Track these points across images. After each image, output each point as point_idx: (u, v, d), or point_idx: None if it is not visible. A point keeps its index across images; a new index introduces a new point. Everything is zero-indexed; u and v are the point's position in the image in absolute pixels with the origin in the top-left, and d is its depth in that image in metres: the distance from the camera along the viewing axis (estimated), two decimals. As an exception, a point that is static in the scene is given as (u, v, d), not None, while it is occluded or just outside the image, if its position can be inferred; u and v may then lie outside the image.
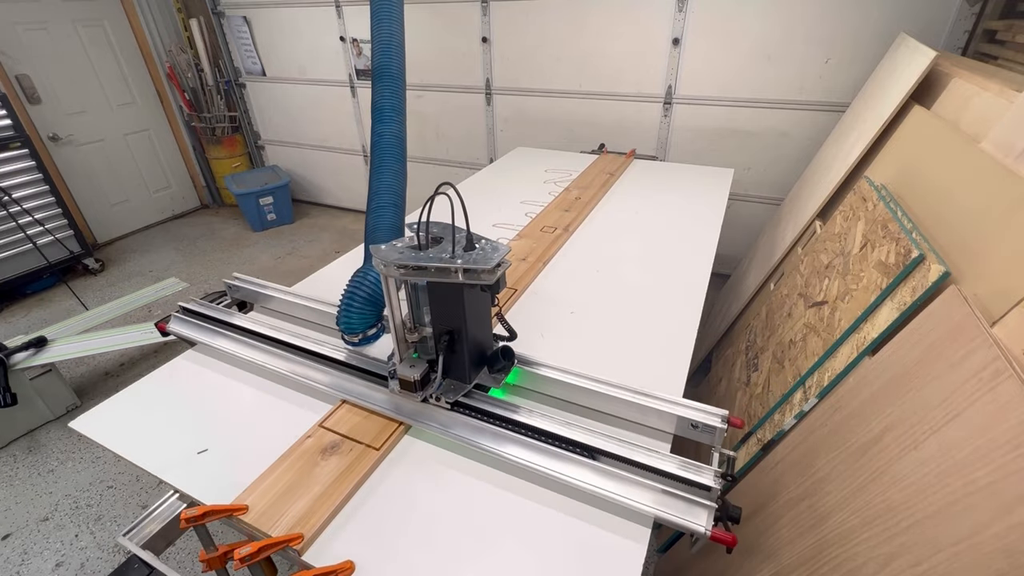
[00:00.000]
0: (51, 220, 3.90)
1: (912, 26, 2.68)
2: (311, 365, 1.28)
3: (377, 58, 1.32)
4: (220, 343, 1.38)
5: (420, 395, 1.13)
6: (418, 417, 1.15)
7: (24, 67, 4.01)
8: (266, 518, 0.94)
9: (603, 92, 3.65)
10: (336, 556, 0.90)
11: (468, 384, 1.14)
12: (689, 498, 0.94)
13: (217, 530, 1.99)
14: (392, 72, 1.33)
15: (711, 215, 2.19)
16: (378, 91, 1.32)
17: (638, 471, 0.99)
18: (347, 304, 1.28)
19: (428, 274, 0.98)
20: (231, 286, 1.60)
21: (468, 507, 1.00)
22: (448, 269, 0.96)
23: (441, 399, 1.12)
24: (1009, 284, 1.09)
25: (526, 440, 1.05)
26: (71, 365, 3.13)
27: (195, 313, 1.48)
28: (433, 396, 1.12)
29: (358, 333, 1.31)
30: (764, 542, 1.32)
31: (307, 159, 5.30)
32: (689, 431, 1.10)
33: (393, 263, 0.99)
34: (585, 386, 1.17)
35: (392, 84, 1.33)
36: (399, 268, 0.99)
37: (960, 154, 1.53)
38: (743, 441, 1.70)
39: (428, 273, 0.98)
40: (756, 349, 2.05)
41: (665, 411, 1.11)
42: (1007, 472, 0.80)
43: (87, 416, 1.21)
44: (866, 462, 1.10)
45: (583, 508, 1.00)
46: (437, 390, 1.12)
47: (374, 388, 1.20)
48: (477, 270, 0.95)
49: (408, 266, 0.98)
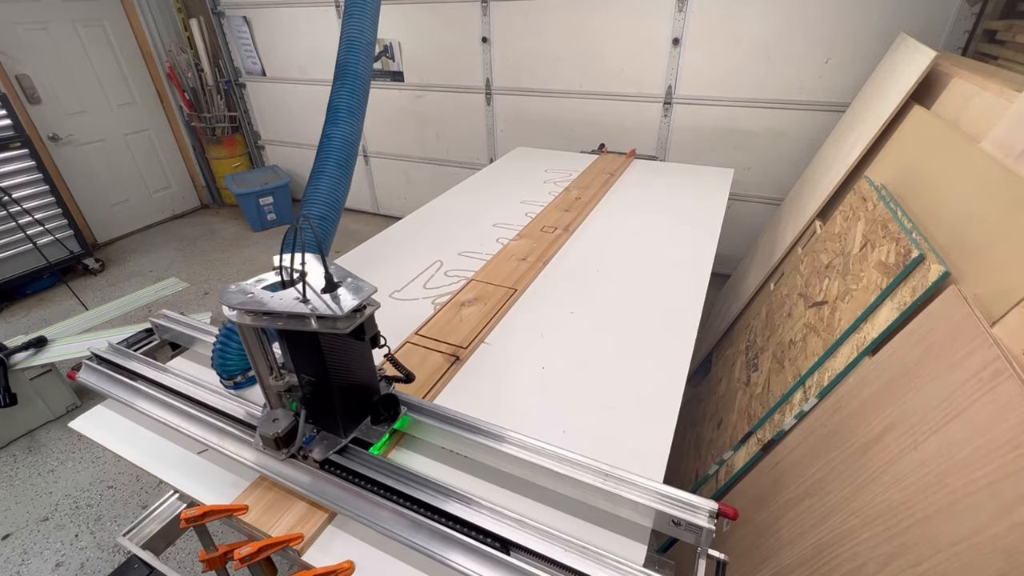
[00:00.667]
0: (51, 220, 3.90)
1: (912, 26, 2.68)
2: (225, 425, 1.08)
3: (341, 54, 1.26)
4: (131, 399, 1.16)
5: (284, 452, 0.98)
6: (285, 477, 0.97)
7: (24, 67, 4.01)
8: (266, 518, 0.94)
9: (603, 92, 3.65)
10: (336, 556, 0.90)
11: (343, 438, 0.99)
12: None
13: (217, 530, 1.99)
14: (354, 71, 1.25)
15: (711, 215, 2.19)
16: (336, 89, 1.26)
17: None
18: (223, 345, 1.14)
19: (283, 320, 0.84)
20: (158, 325, 1.40)
21: None
22: (302, 316, 0.82)
23: (308, 457, 0.98)
24: (1009, 284, 1.09)
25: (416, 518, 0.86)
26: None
27: (107, 362, 1.28)
28: (299, 454, 0.99)
29: (236, 376, 1.18)
30: (764, 542, 1.32)
31: (307, 159, 5.30)
32: (672, 529, 0.86)
33: (243, 308, 0.83)
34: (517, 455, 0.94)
35: (352, 83, 1.24)
36: (248, 314, 0.84)
37: (960, 154, 1.53)
38: (743, 441, 1.70)
39: (282, 319, 0.84)
40: (756, 349, 2.05)
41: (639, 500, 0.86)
42: (1007, 472, 0.80)
43: (87, 416, 1.21)
44: (866, 462, 1.10)
45: None
46: (304, 446, 0.98)
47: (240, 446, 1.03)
48: (332, 317, 0.81)
49: (257, 312, 0.83)
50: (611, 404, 1.21)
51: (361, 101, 1.25)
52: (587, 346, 1.42)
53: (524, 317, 1.55)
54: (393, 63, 4.26)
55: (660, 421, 1.16)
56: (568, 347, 1.42)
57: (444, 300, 1.62)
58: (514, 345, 1.43)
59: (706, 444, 2.01)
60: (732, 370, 2.23)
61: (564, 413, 1.19)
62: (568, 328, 1.50)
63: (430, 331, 1.46)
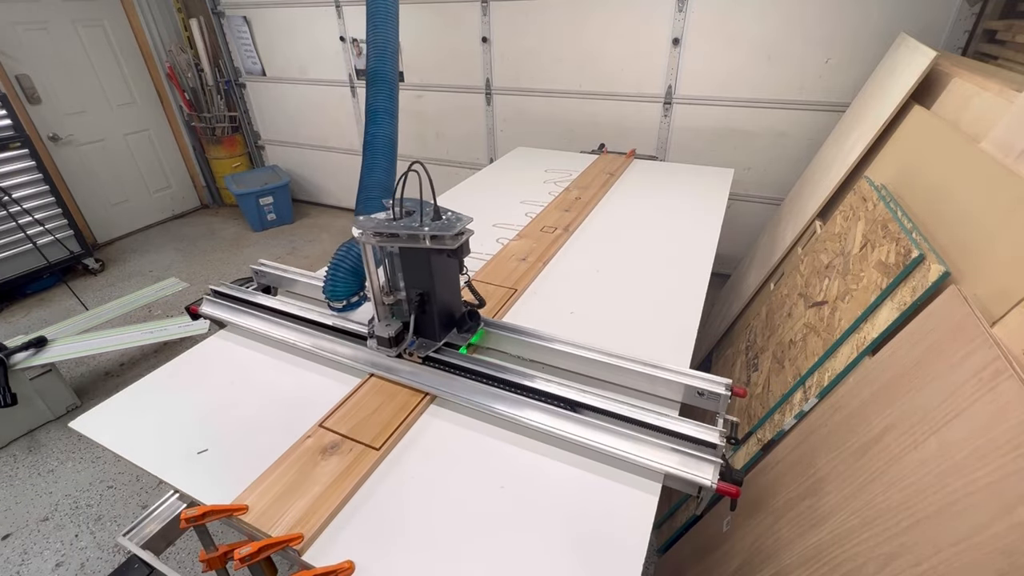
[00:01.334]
0: (51, 220, 3.89)
1: (912, 26, 2.68)
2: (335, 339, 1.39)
3: (373, 62, 1.39)
4: (250, 323, 1.47)
5: (394, 351, 1.26)
6: (393, 372, 1.26)
7: (24, 67, 4.00)
8: (266, 518, 0.94)
9: (603, 92, 3.64)
10: (336, 556, 0.90)
11: (438, 342, 1.27)
12: (694, 452, 0.99)
13: (217, 530, 1.99)
14: (387, 77, 1.39)
15: (711, 215, 2.19)
16: (373, 94, 1.40)
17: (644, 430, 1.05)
18: (332, 274, 1.43)
19: (400, 241, 1.12)
20: (257, 271, 1.72)
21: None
22: (417, 236, 1.09)
23: (414, 354, 1.26)
24: (1009, 284, 1.09)
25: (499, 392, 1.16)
26: (71, 365, 3.13)
27: (225, 295, 1.57)
28: (406, 352, 1.26)
29: (342, 300, 1.45)
30: (764, 542, 1.32)
31: (307, 159, 5.30)
32: (696, 399, 1.15)
33: (370, 231, 1.12)
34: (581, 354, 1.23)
35: (388, 89, 1.40)
36: (375, 235, 1.13)
37: (960, 154, 1.53)
38: (743, 441, 1.70)
39: (400, 240, 1.12)
40: (756, 349, 2.05)
41: (671, 380, 1.16)
42: (1007, 472, 0.80)
43: (87, 416, 1.21)
44: (866, 462, 1.10)
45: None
46: (410, 347, 1.25)
47: (358, 350, 1.33)
48: (442, 236, 1.08)
49: (383, 233, 1.11)
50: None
51: (396, 104, 1.43)
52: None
53: (524, 317, 1.55)
54: (393, 63, 4.26)
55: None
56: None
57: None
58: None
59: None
60: (732, 370, 2.23)
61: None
62: (568, 328, 1.49)
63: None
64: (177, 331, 2.87)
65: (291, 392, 1.27)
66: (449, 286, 1.26)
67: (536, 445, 1.10)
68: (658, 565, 1.88)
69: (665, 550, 1.88)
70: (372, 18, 1.39)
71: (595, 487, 1.01)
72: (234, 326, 1.51)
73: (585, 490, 1.01)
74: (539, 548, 0.91)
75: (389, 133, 1.42)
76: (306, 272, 1.67)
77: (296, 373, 1.34)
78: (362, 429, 1.13)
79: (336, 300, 1.46)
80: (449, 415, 1.19)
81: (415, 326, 1.24)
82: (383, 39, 1.38)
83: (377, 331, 1.27)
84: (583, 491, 1.00)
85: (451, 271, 1.25)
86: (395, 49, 1.40)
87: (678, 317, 1.52)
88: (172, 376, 1.35)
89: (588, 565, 0.89)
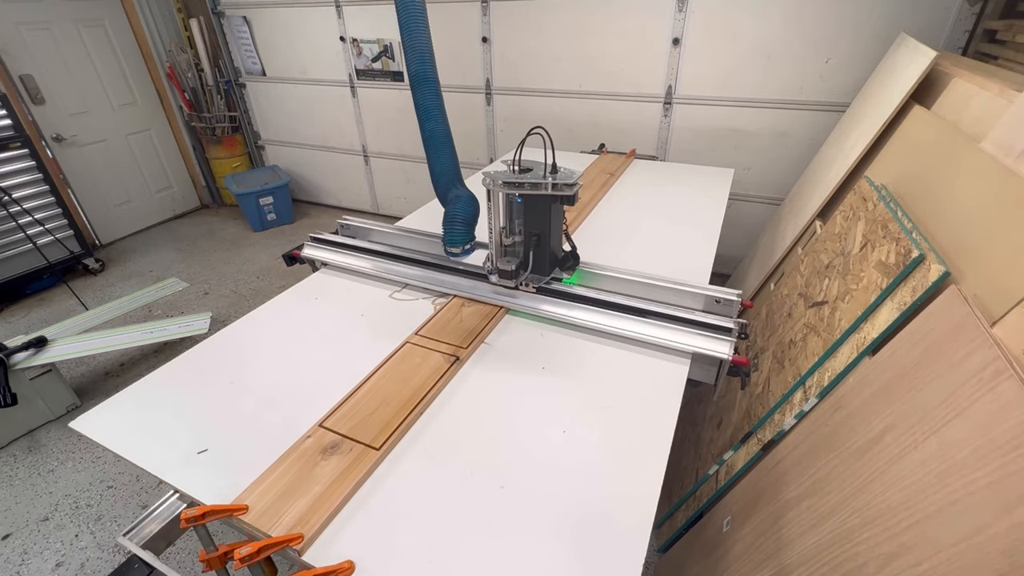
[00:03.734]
0: (51, 220, 3.89)
1: (912, 26, 2.68)
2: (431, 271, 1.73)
3: (414, 66, 1.53)
4: (348, 261, 1.81)
5: (514, 282, 1.55)
6: (512, 300, 1.56)
7: (27, 67, 4.00)
8: (266, 518, 0.94)
9: (603, 92, 3.64)
10: (336, 556, 0.90)
11: (547, 275, 1.57)
12: (715, 336, 1.34)
13: (217, 530, 1.99)
14: (430, 77, 1.55)
15: (711, 215, 2.19)
16: (422, 94, 1.57)
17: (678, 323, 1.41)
18: (450, 227, 1.64)
19: (524, 189, 1.39)
20: (343, 225, 2.02)
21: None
22: (540, 185, 1.38)
23: (529, 285, 1.56)
24: (1009, 284, 1.09)
25: (593, 309, 1.49)
26: (71, 365, 3.13)
27: (325, 241, 1.93)
28: (523, 283, 1.56)
29: (460, 247, 1.67)
30: (764, 542, 1.32)
31: (307, 159, 5.30)
32: (714, 307, 1.48)
33: (500, 181, 1.39)
34: (634, 279, 1.58)
35: (432, 87, 1.57)
36: (505, 184, 1.39)
37: (960, 154, 1.53)
38: (743, 441, 1.70)
39: (524, 188, 1.39)
40: (756, 349, 2.05)
41: (697, 292, 1.51)
42: (1007, 472, 0.80)
43: (87, 416, 1.20)
44: (866, 462, 1.10)
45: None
46: (527, 278, 1.55)
47: (476, 284, 1.65)
48: (562, 184, 1.37)
49: (512, 183, 1.39)
50: (609, 404, 1.22)
51: (442, 101, 1.60)
52: (587, 346, 1.42)
53: (524, 317, 1.55)
54: (393, 63, 4.26)
55: (658, 428, 1.16)
56: (568, 347, 1.42)
57: (444, 300, 1.62)
58: (514, 345, 1.43)
59: (706, 444, 2.01)
60: (732, 370, 2.23)
61: (563, 413, 1.19)
62: (568, 328, 1.50)
63: (430, 331, 1.46)
64: (177, 331, 2.87)
65: (291, 392, 1.28)
66: (557, 230, 1.54)
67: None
68: (658, 565, 1.88)
69: (665, 550, 1.88)
70: (404, 24, 1.49)
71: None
72: (332, 265, 1.84)
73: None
74: (539, 547, 0.91)
75: (444, 127, 1.62)
76: (384, 224, 2.00)
77: (296, 372, 1.34)
78: (362, 429, 1.13)
79: (455, 247, 1.67)
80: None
81: (531, 262, 1.52)
82: (419, 42, 1.51)
83: (500, 265, 1.54)
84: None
85: (559, 218, 1.52)
86: (431, 49, 1.54)
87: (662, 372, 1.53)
88: (172, 376, 1.35)
89: (588, 565, 0.89)
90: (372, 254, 1.83)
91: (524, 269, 1.54)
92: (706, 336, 1.35)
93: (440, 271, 1.72)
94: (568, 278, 1.62)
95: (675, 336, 1.37)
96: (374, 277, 1.77)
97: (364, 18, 4.18)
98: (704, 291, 1.49)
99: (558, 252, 1.59)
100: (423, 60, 1.52)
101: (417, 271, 1.73)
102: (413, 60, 1.51)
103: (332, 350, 1.43)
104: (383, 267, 1.76)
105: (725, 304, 1.46)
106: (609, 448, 1.10)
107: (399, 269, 1.75)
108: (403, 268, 1.75)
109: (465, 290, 1.63)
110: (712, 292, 1.48)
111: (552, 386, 1.28)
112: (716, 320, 1.39)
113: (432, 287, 1.67)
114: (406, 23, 1.48)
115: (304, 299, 1.67)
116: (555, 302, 1.52)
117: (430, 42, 1.52)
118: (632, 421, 1.17)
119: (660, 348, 1.37)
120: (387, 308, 1.62)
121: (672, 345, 1.35)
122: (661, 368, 1.33)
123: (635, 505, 0.97)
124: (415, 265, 1.76)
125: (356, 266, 1.79)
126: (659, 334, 1.38)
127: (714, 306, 1.47)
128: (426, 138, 1.62)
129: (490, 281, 1.60)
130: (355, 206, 5.35)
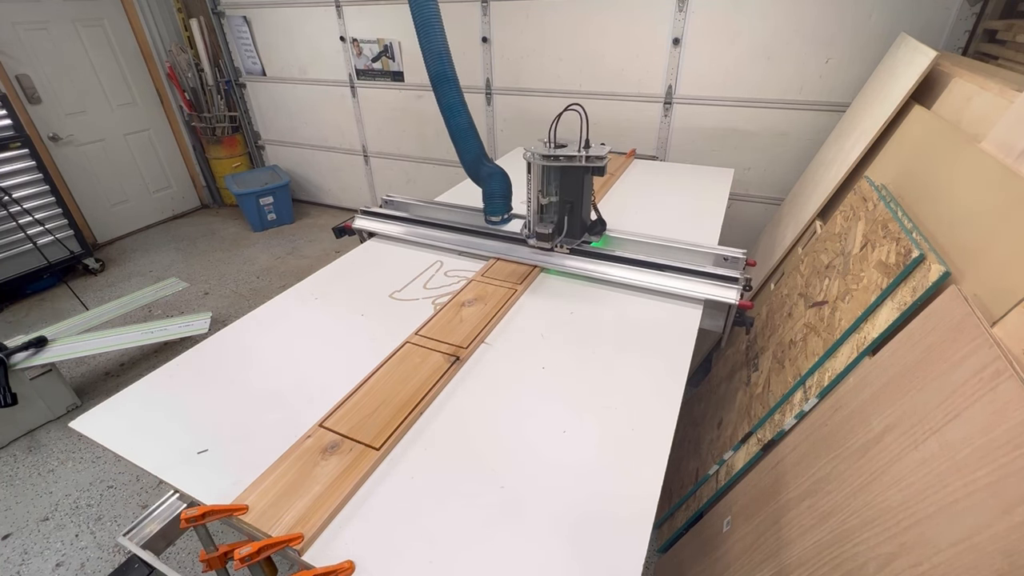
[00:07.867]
0: (51, 220, 3.89)
1: (912, 26, 2.68)
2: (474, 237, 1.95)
3: (434, 67, 1.64)
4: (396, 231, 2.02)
5: (550, 244, 1.77)
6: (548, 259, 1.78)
7: (25, 67, 4.00)
8: (266, 518, 0.94)
9: (603, 92, 3.64)
10: (336, 556, 0.90)
11: (579, 239, 1.79)
12: (724, 285, 1.58)
13: (217, 530, 1.99)
14: (448, 76, 1.65)
15: (711, 215, 2.19)
16: (445, 91, 1.70)
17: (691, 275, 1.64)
18: (490, 200, 1.90)
19: (559, 161, 1.59)
20: (387, 200, 2.21)
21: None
22: (575, 157, 1.58)
23: (563, 247, 1.78)
24: (1009, 284, 1.09)
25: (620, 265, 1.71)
26: (71, 365, 3.13)
27: (375, 213, 2.13)
28: (558, 245, 1.78)
29: (500, 215, 1.94)
30: (764, 542, 1.32)
31: (307, 159, 5.30)
32: (722, 264, 1.69)
33: (539, 154, 1.60)
34: (653, 242, 1.78)
35: (453, 85, 1.68)
36: (543, 157, 1.60)
37: (960, 154, 1.53)
38: (743, 441, 1.70)
39: (559, 161, 1.59)
40: (756, 349, 2.05)
41: (708, 252, 1.73)
42: (1007, 472, 0.80)
43: (87, 416, 1.20)
44: (866, 462, 1.10)
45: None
46: (561, 241, 1.78)
47: (514, 247, 1.86)
48: (595, 156, 1.58)
49: (550, 156, 1.59)
50: (610, 404, 1.22)
51: (463, 97, 1.74)
52: (587, 346, 1.42)
53: (527, 312, 1.56)
54: (393, 63, 4.26)
55: (657, 427, 1.16)
56: (568, 347, 1.42)
57: (444, 300, 1.62)
58: (514, 345, 1.43)
59: (706, 444, 2.01)
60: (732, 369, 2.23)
61: (564, 413, 1.19)
62: (568, 328, 1.50)
63: (430, 331, 1.46)
64: (177, 331, 2.87)
65: (291, 392, 1.28)
66: (587, 199, 1.75)
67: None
68: (658, 565, 1.88)
69: (665, 550, 1.88)
70: (420, 28, 1.56)
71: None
72: (380, 235, 2.04)
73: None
74: (539, 547, 0.92)
75: (467, 120, 1.77)
76: (425, 201, 2.19)
77: (296, 372, 1.34)
78: (362, 429, 1.13)
79: (496, 215, 1.94)
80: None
81: (566, 227, 1.75)
82: (436, 44, 1.59)
83: (537, 228, 1.74)
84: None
85: (589, 188, 1.73)
86: (447, 50, 1.63)
87: (678, 316, 1.53)
88: (172, 376, 1.35)
89: (587, 564, 0.89)
90: (419, 223, 2.03)
91: (559, 233, 1.75)
92: (716, 285, 1.58)
93: (482, 237, 1.93)
94: (596, 241, 1.81)
95: (690, 286, 1.59)
96: (421, 244, 1.95)
97: (364, 18, 4.18)
98: (713, 250, 1.73)
99: (587, 219, 1.79)
100: (440, 61, 1.62)
101: (461, 237, 1.93)
102: (431, 61, 1.60)
103: (332, 350, 1.43)
104: (429, 235, 1.96)
105: (732, 261, 1.68)
106: (609, 448, 1.10)
107: (444, 235, 1.95)
108: (448, 234, 1.96)
109: (504, 253, 1.83)
110: (720, 251, 1.72)
111: (552, 386, 1.28)
112: (725, 271, 1.62)
113: (475, 251, 1.87)
114: (422, 26, 1.55)
115: (304, 299, 1.67)
116: (587, 260, 1.74)
117: (446, 43, 1.60)
118: (632, 420, 1.17)
119: (677, 297, 1.60)
120: (387, 308, 1.61)
121: (687, 294, 1.57)
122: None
123: (635, 504, 0.97)
124: (459, 232, 1.96)
125: (404, 234, 1.98)
126: (676, 284, 1.60)
127: (723, 263, 1.69)
128: (453, 132, 1.77)
129: (528, 244, 1.80)
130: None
